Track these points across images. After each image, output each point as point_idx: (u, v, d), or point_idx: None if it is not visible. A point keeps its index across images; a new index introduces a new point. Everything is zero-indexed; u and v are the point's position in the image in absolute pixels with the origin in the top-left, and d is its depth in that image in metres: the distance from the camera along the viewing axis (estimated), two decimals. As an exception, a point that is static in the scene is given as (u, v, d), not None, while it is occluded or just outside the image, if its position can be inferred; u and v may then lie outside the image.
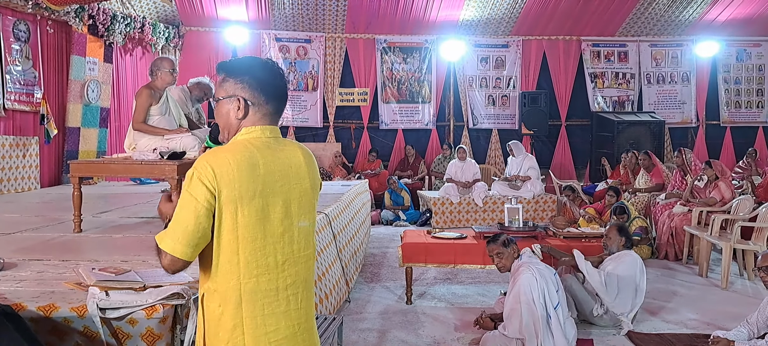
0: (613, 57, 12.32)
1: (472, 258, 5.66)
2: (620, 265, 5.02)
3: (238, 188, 1.83)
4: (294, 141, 2.09)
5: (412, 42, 11.96)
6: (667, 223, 7.70)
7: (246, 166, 1.85)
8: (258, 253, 1.87)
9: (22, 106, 7.81)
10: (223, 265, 1.86)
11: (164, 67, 4.77)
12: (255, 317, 1.88)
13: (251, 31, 11.42)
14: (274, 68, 2.03)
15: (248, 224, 1.85)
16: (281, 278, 1.92)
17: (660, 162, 9.45)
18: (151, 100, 4.73)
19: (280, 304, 1.92)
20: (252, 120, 1.97)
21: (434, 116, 12.10)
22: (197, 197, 1.80)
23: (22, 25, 7.82)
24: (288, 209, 1.94)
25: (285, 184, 1.94)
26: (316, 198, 2.10)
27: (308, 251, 2.03)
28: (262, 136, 1.96)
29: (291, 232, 1.95)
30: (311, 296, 2.05)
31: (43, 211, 5.90)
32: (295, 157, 2.00)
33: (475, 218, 9.85)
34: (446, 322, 5.15)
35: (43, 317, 2.55)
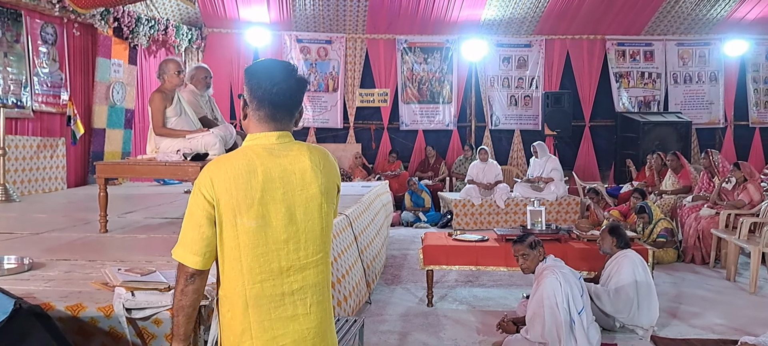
0: (639, 56, 12.16)
1: (494, 261, 5.63)
2: (619, 273, 4.91)
3: (236, 197, 1.86)
4: (305, 144, 2.04)
5: (433, 42, 11.93)
6: (693, 226, 7.58)
7: (243, 175, 1.87)
8: (260, 259, 1.89)
9: (49, 108, 7.94)
10: (228, 272, 1.91)
11: (170, 69, 4.80)
12: (262, 321, 1.90)
13: (273, 32, 11.49)
14: (271, 71, 1.98)
15: (248, 232, 1.87)
16: (286, 283, 1.92)
17: (688, 163, 9.31)
18: (165, 102, 4.77)
19: (287, 309, 1.92)
20: (255, 125, 1.98)
21: (455, 117, 12.06)
22: (198, 208, 1.88)
23: (50, 27, 7.95)
24: (292, 216, 1.92)
25: (287, 190, 1.92)
26: (330, 202, 2.04)
27: (318, 256, 1.99)
28: (265, 143, 1.96)
29: (297, 238, 1.94)
30: (324, 301, 2.02)
31: (70, 211, 5.99)
32: (299, 163, 1.96)
33: (497, 219, 9.79)
34: (468, 325, 5.13)
35: (70, 317, 2.59)
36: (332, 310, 2.08)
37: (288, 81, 1.97)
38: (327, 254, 2.04)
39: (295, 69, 2.05)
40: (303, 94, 2.06)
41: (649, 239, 7.43)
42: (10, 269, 3.25)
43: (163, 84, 4.85)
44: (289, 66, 2.04)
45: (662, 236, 7.44)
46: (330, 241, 2.06)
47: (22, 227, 4.84)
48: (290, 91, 1.98)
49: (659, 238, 7.42)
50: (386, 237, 7.73)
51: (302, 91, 2.04)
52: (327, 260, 2.04)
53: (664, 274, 6.76)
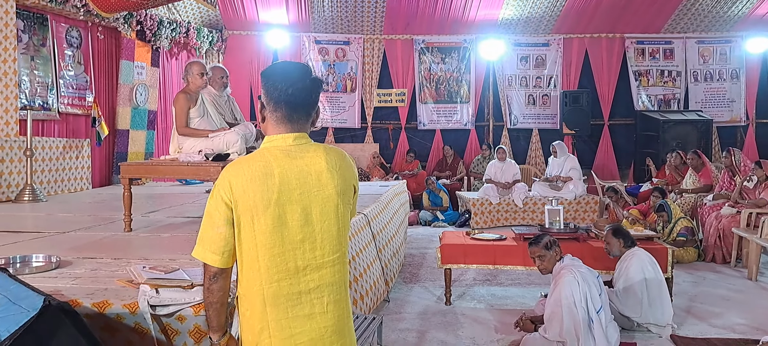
0: (659, 54, 12.07)
1: (512, 260, 5.64)
2: (628, 271, 4.89)
3: (253, 198, 1.91)
4: (322, 145, 2.06)
5: (450, 42, 11.95)
6: (714, 224, 7.52)
7: (260, 176, 1.92)
8: (277, 259, 1.93)
9: (74, 110, 8.12)
10: (246, 271, 1.96)
11: (194, 71, 4.91)
12: (279, 320, 1.95)
13: (291, 34, 11.59)
14: (286, 73, 2.01)
15: (265, 232, 1.92)
16: (303, 282, 1.96)
17: (709, 162, 9.23)
18: (189, 103, 4.87)
19: (304, 307, 1.97)
20: (272, 127, 2.03)
21: (473, 116, 12.06)
22: (216, 209, 1.94)
23: (75, 31, 8.12)
24: (308, 216, 1.96)
25: (304, 191, 1.96)
26: (347, 203, 2.06)
27: (335, 256, 2.02)
28: (282, 144, 2.00)
29: (313, 238, 1.97)
30: (342, 299, 2.05)
31: (95, 210, 6.12)
32: (315, 164, 1.99)
33: (515, 218, 9.79)
34: (486, 323, 5.15)
35: (97, 313, 2.67)
36: (350, 309, 2.11)
37: (303, 82, 2.00)
38: (344, 254, 2.06)
39: (310, 70, 2.07)
40: (319, 94, 2.08)
41: (669, 238, 7.40)
42: (39, 267, 3.36)
43: (187, 85, 4.97)
44: (304, 67, 2.06)
45: (682, 235, 7.39)
46: (347, 241, 2.08)
47: (49, 226, 4.96)
48: (305, 92, 2.01)
49: (679, 237, 7.38)
50: (405, 236, 7.78)
51: (318, 91, 2.06)
52: (344, 260, 2.07)
53: (684, 273, 6.72)
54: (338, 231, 2.03)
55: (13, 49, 6.95)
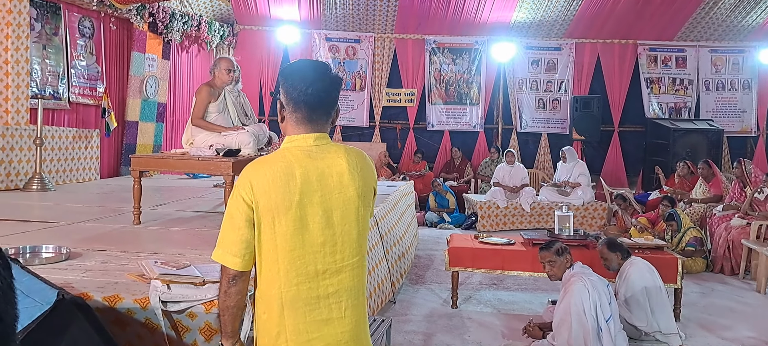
0: (671, 62, 12.00)
1: (520, 265, 5.61)
2: (628, 281, 4.85)
3: (275, 199, 1.88)
4: (343, 146, 2.03)
5: (461, 43, 11.91)
6: (723, 235, 7.47)
7: (282, 177, 1.89)
8: (297, 262, 1.90)
9: (85, 100, 8.12)
10: (265, 273, 1.93)
11: (222, 66, 4.93)
12: (297, 324, 1.91)
13: (302, 30, 11.57)
14: (305, 72, 1.98)
15: (286, 234, 1.89)
16: (322, 286, 1.92)
17: (719, 172, 9.17)
18: (210, 97, 4.88)
19: (322, 312, 1.92)
20: (292, 127, 2.00)
21: (482, 119, 12.02)
22: (237, 210, 1.91)
23: (87, 21, 8.12)
24: (329, 219, 1.92)
25: (325, 193, 1.92)
26: (367, 205, 2.03)
27: (354, 259, 1.98)
28: (303, 145, 1.96)
29: (333, 241, 1.93)
30: (360, 305, 2.02)
31: (103, 201, 6.12)
32: (336, 166, 1.95)
33: (522, 222, 9.76)
34: (493, 328, 5.13)
35: (107, 307, 2.65)
36: (367, 314, 2.09)
37: (322, 81, 1.97)
38: (363, 258, 2.03)
39: (329, 68, 2.03)
40: (338, 93, 2.05)
41: (678, 248, 7.35)
42: (49, 259, 3.35)
43: (213, 79, 4.99)
44: (323, 66, 2.02)
45: (691, 245, 7.35)
46: (366, 244, 2.05)
47: (57, 217, 4.96)
48: (325, 92, 1.98)
49: (688, 247, 7.33)
50: (414, 237, 7.75)
51: (337, 90, 2.03)
52: (363, 264, 2.03)
53: (692, 283, 6.67)
54: (358, 234, 1.99)
55: (26, 38, 6.95)
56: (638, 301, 4.74)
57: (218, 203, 5.85)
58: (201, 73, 10.76)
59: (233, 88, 5.53)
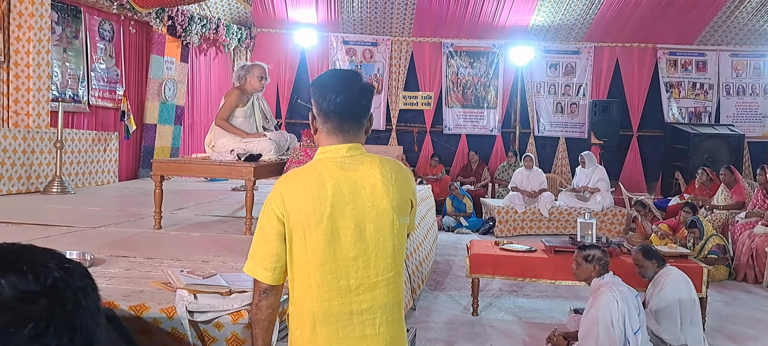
0: (691, 66, 11.86)
1: (542, 273, 5.54)
2: (662, 292, 4.75)
3: (305, 212, 1.84)
4: (377, 157, 1.97)
5: (479, 46, 11.84)
6: (747, 243, 7.35)
7: (313, 190, 1.85)
8: (329, 276, 1.85)
9: (105, 103, 8.15)
10: (297, 288, 1.89)
11: (254, 73, 4.93)
12: (330, 341, 1.86)
13: (320, 33, 11.56)
14: (334, 81, 1.95)
15: (317, 248, 1.84)
16: (355, 302, 1.87)
17: (742, 178, 9.03)
18: (239, 102, 4.88)
19: (355, 328, 1.87)
20: (324, 138, 1.96)
21: (499, 122, 11.95)
22: (268, 223, 1.89)
23: (107, 24, 8.16)
24: (362, 232, 1.86)
25: (357, 206, 1.86)
26: (403, 218, 1.95)
27: (389, 274, 1.90)
28: (335, 156, 1.92)
29: (366, 255, 1.87)
30: (395, 321, 1.94)
31: (123, 205, 6.13)
32: (370, 177, 1.89)
33: (540, 227, 9.67)
34: (515, 336, 5.06)
35: (133, 316, 2.63)
36: (405, 331, 2.01)
37: (351, 90, 1.92)
38: (399, 273, 1.96)
39: (358, 77, 1.99)
40: (369, 101, 1.99)
41: (700, 255, 7.24)
42: (74, 264, 3.33)
43: (244, 83, 4.99)
44: (352, 75, 1.98)
45: (713, 252, 7.23)
46: (402, 258, 1.97)
47: (79, 221, 4.97)
48: (354, 101, 1.93)
49: (710, 254, 7.22)
50: (434, 242, 7.69)
51: (368, 98, 1.98)
52: (398, 279, 1.96)
53: (715, 292, 6.56)
54: (393, 248, 1.92)
55: (47, 41, 6.98)
56: (670, 313, 4.65)
57: (238, 207, 5.84)
58: (219, 76, 10.78)
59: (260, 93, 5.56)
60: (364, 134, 2.00)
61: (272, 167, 4.82)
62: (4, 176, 6.46)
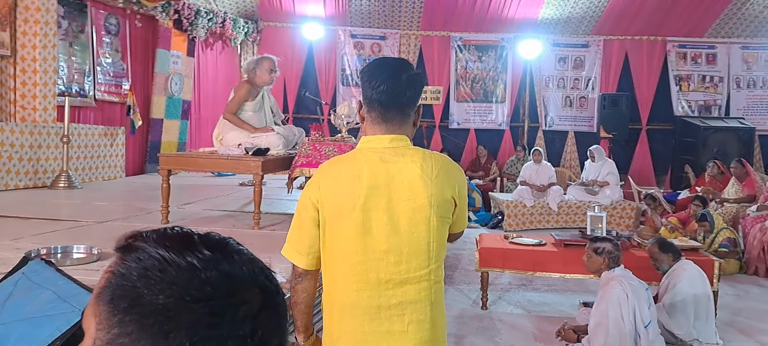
0: (701, 59, 11.75)
1: (552, 266, 5.50)
2: (676, 286, 4.70)
3: (339, 201, 1.81)
4: (422, 150, 1.89)
5: (488, 40, 11.77)
6: (758, 237, 7.27)
7: (348, 179, 1.82)
8: (358, 268, 1.81)
9: (111, 97, 8.14)
10: (328, 275, 1.87)
11: (264, 66, 4.90)
12: (356, 332, 1.82)
13: (327, 27, 11.51)
14: (379, 70, 1.91)
15: (348, 237, 1.81)
16: (384, 296, 1.81)
17: (753, 171, 8.95)
18: (249, 96, 4.84)
19: (382, 323, 1.82)
20: (369, 127, 1.92)
21: (508, 116, 11.88)
22: (304, 209, 1.88)
23: (113, 18, 8.14)
24: (396, 226, 1.80)
25: (392, 199, 1.81)
26: (443, 215, 1.85)
27: (422, 272, 1.83)
28: (376, 146, 1.87)
29: (399, 250, 1.80)
30: (426, 321, 1.85)
31: (130, 200, 6.12)
32: (408, 171, 1.82)
33: (549, 221, 9.61)
34: (524, 330, 5.02)
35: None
36: (439, 332, 1.89)
37: (394, 79, 1.86)
38: (433, 272, 1.86)
39: (405, 66, 1.93)
40: (415, 92, 1.92)
41: (711, 249, 7.17)
42: (80, 259, 3.32)
43: (253, 77, 4.95)
44: (399, 63, 1.94)
45: (724, 245, 7.17)
46: (440, 257, 1.88)
47: (85, 215, 4.96)
48: (398, 90, 1.87)
49: (721, 248, 7.16)
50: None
51: (413, 89, 1.90)
52: (433, 278, 1.86)
53: (726, 286, 6.49)
54: (429, 246, 1.83)
55: (53, 35, 6.98)
56: (684, 309, 4.60)
57: (246, 202, 5.82)
58: (226, 70, 10.76)
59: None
60: (410, 126, 1.94)
61: (280, 162, 4.79)
62: (11, 171, 6.46)
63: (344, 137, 5.08)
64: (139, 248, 0.76)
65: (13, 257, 2.92)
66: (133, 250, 0.76)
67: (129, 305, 0.72)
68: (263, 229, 4.63)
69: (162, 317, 0.70)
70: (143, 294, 0.71)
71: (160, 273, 0.72)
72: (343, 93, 11.60)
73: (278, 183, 7.17)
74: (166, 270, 0.72)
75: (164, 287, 0.71)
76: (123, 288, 0.73)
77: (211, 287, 0.72)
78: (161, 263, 0.73)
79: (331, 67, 11.68)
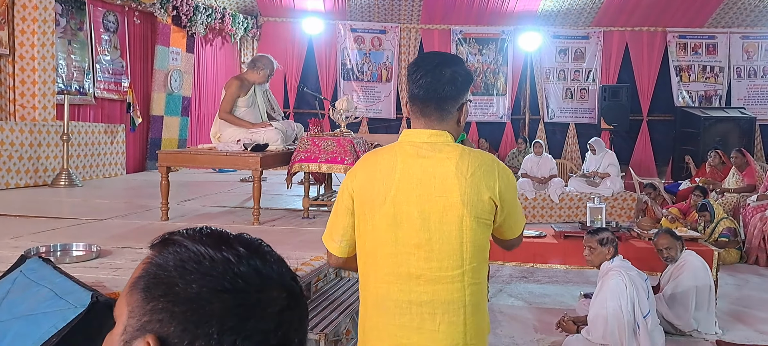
0: (701, 49, 11.72)
1: (552, 258, 5.50)
2: (680, 278, 4.69)
3: (371, 192, 1.82)
4: (460, 148, 1.84)
5: (488, 33, 11.75)
6: (758, 226, 7.27)
7: (383, 170, 1.82)
8: (389, 260, 1.80)
9: (110, 95, 8.15)
10: (362, 267, 1.89)
11: (260, 65, 4.88)
12: (387, 325, 1.81)
13: (327, 21, 11.50)
14: (420, 63, 1.88)
15: (379, 229, 1.81)
16: (415, 292, 1.78)
17: (754, 161, 8.94)
18: (239, 92, 4.85)
19: (413, 318, 1.78)
20: (412, 121, 1.91)
21: (509, 109, 11.87)
22: (341, 198, 1.91)
23: (111, 16, 8.14)
24: (426, 222, 1.77)
25: (423, 194, 1.77)
26: (480, 216, 1.78)
27: (455, 272, 1.77)
28: (415, 140, 1.85)
29: (429, 247, 1.77)
30: (459, 322, 1.79)
31: (130, 197, 6.13)
32: (442, 167, 1.78)
33: (550, 214, 9.61)
34: (525, 322, 5.03)
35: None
36: (475, 338, 1.82)
37: (433, 73, 1.83)
38: (467, 273, 1.79)
39: (451, 61, 1.89)
40: (457, 89, 1.85)
41: (711, 239, 7.17)
42: (79, 257, 3.33)
43: (245, 73, 4.98)
44: (443, 58, 1.90)
45: (725, 235, 7.17)
46: (477, 259, 1.80)
47: (86, 213, 4.97)
48: (436, 86, 1.83)
49: (721, 237, 7.16)
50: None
51: (453, 85, 1.84)
52: (467, 280, 1.80)
53: (726, 275, 6.50)
54: (461, 246, 1.77)
55: (52, 33, 6.98)
56: (684, 300, 4.61)
57: (246, 198, 5.83)
58: (225, 66, 10.76)
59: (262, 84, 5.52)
60: (453, 123, 1.88)
61: (279, 157, 4.80)
62: (12, 170, 6.47)
63: (343, 132, 5.08)
64: (176, 242, 0.81)
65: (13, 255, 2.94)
66: (171, 243, 0.81)
67: (163, 292, 0.75)
68: (263, 224, 4.64)
69: (194, 305, 0.73)
70: (177, 283, 0.75)
71: (195, 265, 0.76)
72: (344, 87, 11.61)
73: (278, 179, 7.18)
74: (201, 262, 0.76)
75: (198, 278, 0.75)
76: (158, 277, 0.77)
77: (243, 281, 0.76)
78: (197, 256, 0.77)
79: (331, 61, 11.68)
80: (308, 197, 5.06)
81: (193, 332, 0.73)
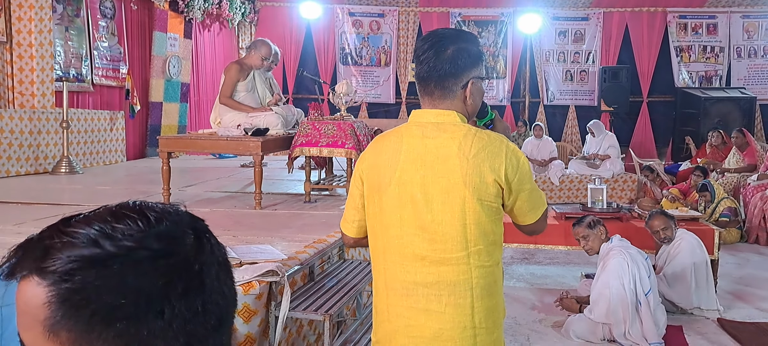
0: (701, 29, 11.67)
1: (553, 239, 5.50)
2: (677, 256, 4.70)
3: (378, 174, 1.82)
4: (467, 128, 1.78)
5: (487, 15, 11.70)
6: (759, 205, 7.28)
7: (389, 152, 1.81)
8: (395, 241, 1.80)
9: (109, 82, 8.12)
10: (373, 249, 1.89)
11: (259, 50, 4.87)
12: (396, 306, 1.81)
13: (325, 5, 11.44)
14: (423, 41, 1.85)
15: (385, 210, 1.80)
16: (420, 273, 1.77)
17: (754, 140, 8.93)
18: (239, 76, 4.83)
19: (420, 300, 1.78)
20: (421, 103, 1.89)
21: (509, 92, 11.85)
22: (353, 180, 1.93)
23: (108, 2, 8.09)
24: (429, 203, 1.75)
25: (426, 175, 1.76)
26: (484, 199, 1.73)
27: (460, 254, 1.74)
28: (421, 120, 1.83)
29: (433, 228, 1.75)
30: (465, 305, 1.76)
31: (131, 183, 6.13)
32: (445, 147, 1.75)
33: (551, 196, 9.62)
34: (526, 302, 5.05)
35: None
36: (483, 320, 1.77)
37: (431, 50, 1.79)
38: (473, 255, 1.76)
39: (456, 37, 1.83)
40: (455, 65, 1.79)
41: (711, 219, 7.18)
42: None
43: (244, 57, 4.96)
44: (447, 35, 1.84)
45: (725, 215, 7.18)
46: (483, 242, 1.76)
47: (87, 200, 4.97)
48: (435, 63, 1.78)
49: (722, 217, 7.17)
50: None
51: (453, 62, 1.79)
52: (473, 262, 1.77)
53: (727, 255, 6.51)
54: (465, 228, 1.74)
55: (49, 20, 6.94)
56: (683, 278, 4.62)
57: (247, 183, 5.83)
58: (224, 52, 10.71)
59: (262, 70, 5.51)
60: (459, 102, 1.82)
61: (280, 142, 4.79)
62: (12, 158, 6.46)
63: (343, 116, 5.07)
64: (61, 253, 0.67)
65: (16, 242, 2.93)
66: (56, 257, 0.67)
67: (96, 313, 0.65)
68: (265, 209, 4.64)
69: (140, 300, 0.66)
70: (104, 292, 0.65)
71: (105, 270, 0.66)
72: (343, 72, 11.57)
73: (280, 164, 7.18)
74: (110, 266, 0.66)
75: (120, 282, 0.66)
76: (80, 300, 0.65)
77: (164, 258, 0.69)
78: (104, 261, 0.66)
79: (329, 46, 11.64)
80: (309, 181, 5.07)
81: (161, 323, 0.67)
